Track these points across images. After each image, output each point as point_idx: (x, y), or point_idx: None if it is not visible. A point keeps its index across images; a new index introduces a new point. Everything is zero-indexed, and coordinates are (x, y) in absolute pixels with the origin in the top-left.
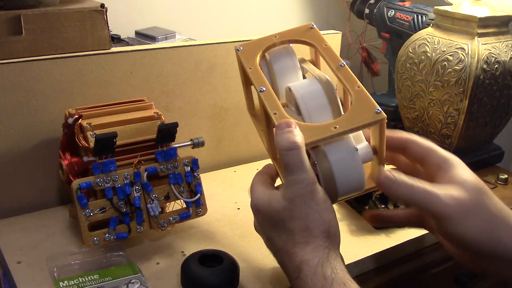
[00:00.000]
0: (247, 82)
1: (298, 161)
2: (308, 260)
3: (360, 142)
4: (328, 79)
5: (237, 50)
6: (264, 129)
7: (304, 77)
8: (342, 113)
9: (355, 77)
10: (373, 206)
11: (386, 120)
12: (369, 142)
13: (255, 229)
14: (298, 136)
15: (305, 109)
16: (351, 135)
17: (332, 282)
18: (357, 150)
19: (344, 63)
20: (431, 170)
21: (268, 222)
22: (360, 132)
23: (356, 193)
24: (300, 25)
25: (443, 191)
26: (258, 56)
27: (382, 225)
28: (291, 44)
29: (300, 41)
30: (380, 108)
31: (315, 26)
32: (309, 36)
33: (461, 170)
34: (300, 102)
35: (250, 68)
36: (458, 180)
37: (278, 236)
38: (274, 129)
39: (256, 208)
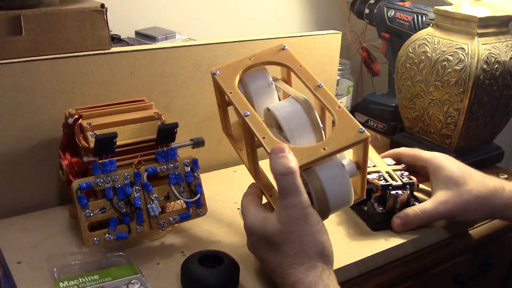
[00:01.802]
0: (223, 104)
1: (293, 185)
2: (302, 279)
3: (344, 158)
4: (306, 98)
5: (213, 74)
6: (242, 149)
7: (278, 97)
8: (322, 130)
9: (334, 97)
10: (371, 207)
11: (370, 139)
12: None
13: (249, 249)
14: (292, 162)
15: (288, 129)
16: None
17: None
18: (344, 166)
19: (321, 84)
20: (423, 172)
21: (263, 244)
22: None
23: (345, 206)
24: (272, 46)
25: (433, 204)
26: (236, 79)
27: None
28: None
29: (275, 63)
30: (363, 127)
31: (287, 47)
32: (283, 57)
33: (443, 170)
34: (282, 123)
35: (231, 92)
36: (442, 180)
37: (273, 258)
38: (267, 153)
39: (250, 231)
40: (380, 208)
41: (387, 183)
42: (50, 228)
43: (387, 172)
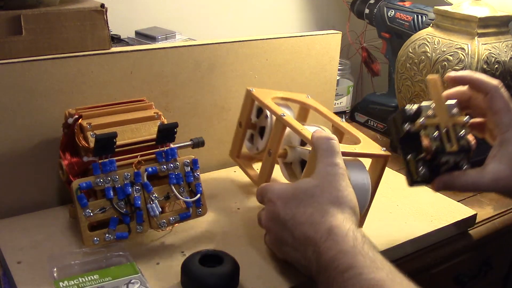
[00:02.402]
0: (246, 124)
1: (336, 148)
2: (339, 225)
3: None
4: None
5: (250, 90)
6: (251, 169)
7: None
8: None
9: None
10: (413, 163)
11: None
12: None
13: (263, 221)
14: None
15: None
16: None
17: (363, 244)
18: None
19: (343, 119)
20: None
21: (292, 202)
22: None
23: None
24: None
25: (489, 181)
26: (269, 98)
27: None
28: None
29: (303, 103)
30: (385, 148)
31: (309, 96)
32: (310, 101)
33: None
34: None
35: (268, 102)
36: (510, 157)
37: (304, 210)
38: (307, 141)
39: (277, 195)
40: (423, 171)
41: (441, 148)
42: (50, 228)
43: (445, 128)
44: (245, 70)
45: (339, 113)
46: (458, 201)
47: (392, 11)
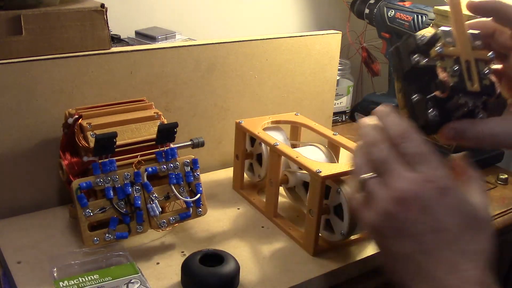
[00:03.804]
0: (242, 156)
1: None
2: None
3: None
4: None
5: (239, 123)
6: (256, 197)
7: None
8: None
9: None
10: (422, 104)
11: None
12: None
13: (388, 191)
14: None
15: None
16: None
17: None
18: None
19: (336, 133)
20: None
21: (464, 218)
22: None
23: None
24: (287, 113)
25: (507, 133)
26: (260, 128)
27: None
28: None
29: (292, 122)
30: None
31: (299, 114)
32: (299, 119)
33: None
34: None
35: (259, 132)
36: None
37: (472, 243)
38: (304, 169)
39: (445, 186)
40: (433, 113)
41: (460, 85)
42: (50, 228)
43: (466, 63)
44: (245, 70)
45: (339, 113)
46: None
47: (392, 11)
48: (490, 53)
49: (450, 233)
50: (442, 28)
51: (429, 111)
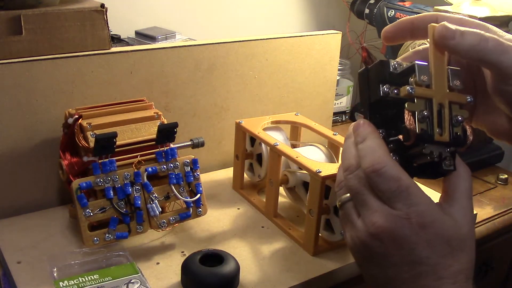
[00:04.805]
0: (242, 155)
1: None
2: None
3: None
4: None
5: (239, 123)
6: (255, 197)
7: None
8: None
9: None
10: None
11: None
12: None
13: (366, 222)
14: None
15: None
16: None
17: None
18: None
19: (336, 133)
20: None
21: (442, 246)
22: None
23: None
24: (287, 113)
25: None
26: (260, 128)
27: None
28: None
29: (292, 122)
30: None
31: (299, 113)
32: (299, 119)
33: None
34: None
35: (259, 132)
36: None
37: (447, 266)
38: (306, 170)
39: (425, 223)
40: (395, 157)
41: (428, 134)
42: (50, 228)
43: (439, 106)
44: (245, 70)
45: (339, 113)
46: None
47: (392, 11)
48: (468, 97)
49: (428, 264)
50: (419, 62)
51: (390, 154)
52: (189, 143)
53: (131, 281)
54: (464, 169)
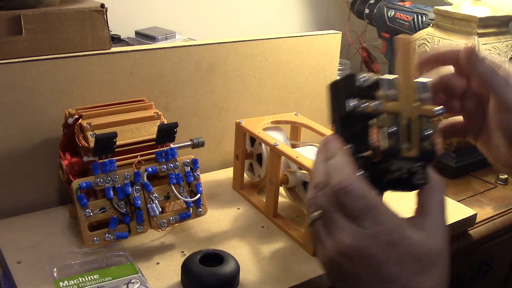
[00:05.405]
0: (242, 156)
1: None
2: None
3: None
4: None
5: (239, 123)
6: (256, 197)
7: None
8: None
9: None
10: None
11: None
12: None
13: (336, 237)
14: None
15: None
16: None
17: None
18: None
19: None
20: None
21: (412, 264)
22: None
23: None
24: (287, 113)
25: None
26: (260, 128)
27: None
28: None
29: (292, 122)
30: None
31: (299, 114)
32: (299, 119)
33: None
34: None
35: (259, 132)
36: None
37: (423, 284)
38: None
39: (393, 241)
40: (365, 173)
41: (395, 150)
42: (50, 228)
43: (407, 120)
44: (245, 70)
45: None
46: (458, 201)
47: (392, 11)
48: (438, 108)
49: (398, 282)
50: (386, 76)
51: (359, 170)
52: (189, 143)
53: (131, 281)
54: (436, 182)
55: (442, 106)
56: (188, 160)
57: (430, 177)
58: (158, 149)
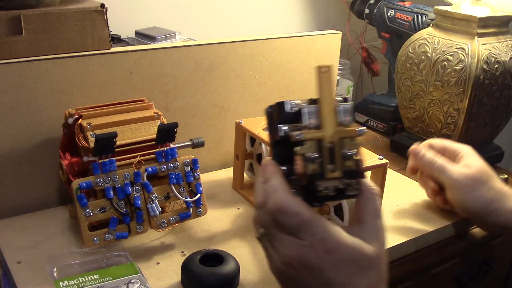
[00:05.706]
0: (242, 155)
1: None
2: None
3: None
4: None
5: (239, 123)
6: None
7: None
8: None
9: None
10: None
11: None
12: None
13: (280, 256)
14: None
15: None
16: None
17: None
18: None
19: None
20: (451, 159)
21: (349, 267)
22: None
23: None
24: None
25: (455, 168)
26: (259, 128)
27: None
28: None
29: None
30: (382, 156)
31: None
32: None
33: (470, 157)
34: None
35: (259, 133)
36: (467, 164)
37: (361, 283)
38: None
39: (329, 247)
40: (299, 191)
41: (319, 173)
42: (50, 228)
43: (330, 144)
44: (245, 70)
45: None
46: None
47: (392, 11)
48: (359, 129)
49: (338, 283)
50: (306, 108)
51: (292, 191)
52: (189, 143)
53: (131, 281)
54: (370, 192)
55: (364, 127)
56: (188, 160)
57: (364, 187)
58: (158, 149)
